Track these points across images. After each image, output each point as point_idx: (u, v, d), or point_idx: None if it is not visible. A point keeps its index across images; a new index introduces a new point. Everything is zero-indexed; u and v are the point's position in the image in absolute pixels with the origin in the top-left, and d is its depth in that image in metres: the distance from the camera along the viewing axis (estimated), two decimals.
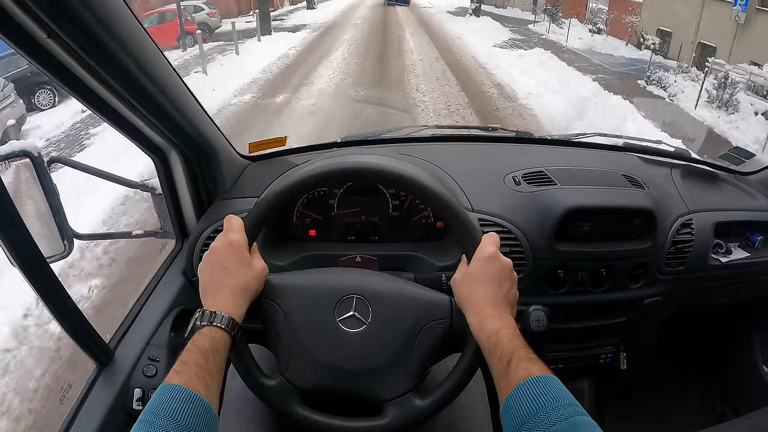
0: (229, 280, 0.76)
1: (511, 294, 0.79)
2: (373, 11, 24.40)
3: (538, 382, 0.63)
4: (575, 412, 0.59)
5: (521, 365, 0.66)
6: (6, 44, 0.66)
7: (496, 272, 0.78)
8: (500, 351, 0.69)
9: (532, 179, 1.24)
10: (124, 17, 0.73)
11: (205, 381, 0.63)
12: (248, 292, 0.77)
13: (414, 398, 0.79)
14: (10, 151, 0.88)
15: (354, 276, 0.87)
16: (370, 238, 1.22)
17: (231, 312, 0.72)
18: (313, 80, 9.56)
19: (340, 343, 0.79)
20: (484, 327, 0.73)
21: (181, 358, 0.66)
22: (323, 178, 0.86)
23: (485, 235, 0.83)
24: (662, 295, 1.29)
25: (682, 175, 1.43)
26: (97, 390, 0.89)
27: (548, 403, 0.60)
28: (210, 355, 0.67)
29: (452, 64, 11.39)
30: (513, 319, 0.76)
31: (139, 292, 1.09)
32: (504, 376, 0.66)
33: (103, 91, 0.80)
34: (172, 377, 0.62)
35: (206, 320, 0.71)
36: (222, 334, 0.70)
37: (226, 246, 0.77)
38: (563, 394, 0.62)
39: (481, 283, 0.78)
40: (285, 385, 0.79)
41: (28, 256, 0.72)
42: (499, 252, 0.80)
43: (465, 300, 0.79)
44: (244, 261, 0.77)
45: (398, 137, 1.50)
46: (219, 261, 0.77)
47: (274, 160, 1.34)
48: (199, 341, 0.68)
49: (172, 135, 1.01)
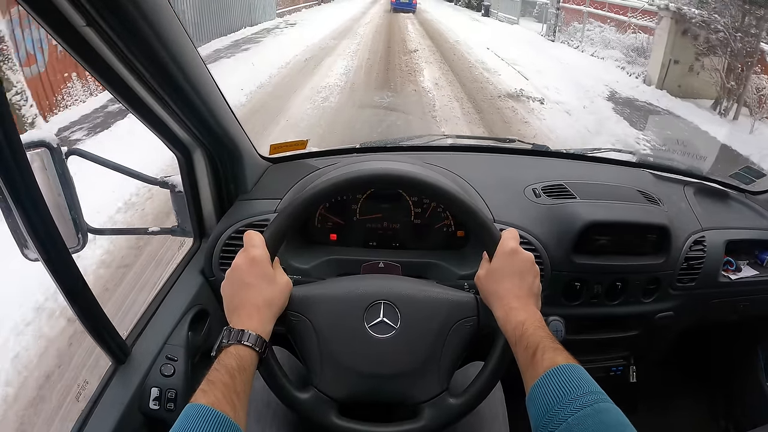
0: (254, 296, 0.75)
1: (534, 286, 0.80)
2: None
3: (563, 371, 0.64)
4: (600, 399, 0.60)
5: (546, 355, 0.67)
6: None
7: (519, 266, 0.80)
8: (526, 342, 0.70)
9: (551, 192, 1.25)
10: (164, 11, 0.73)
11: (231, 401, 0.63)
12: (273, 307, 0.76)
13: (448, 398, 0.80)
14: (29, 141, 0.86)
15: (379, 282, 0.87)
16: (391, 245, 1.23)
17: (257, 329, 0.72)
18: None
19: (371, 349, 0.79)
20: (510, 319, 0.74)
21: (208, 377, 0.65)
22: (341, 189, 0.85)
23: (505, 230, 0.84)
24: (674, 310, 1.30)
25: (695, 193, 1.46)
26: (113, 388, 0.87)
27: (573, 391, 0.61)
28: (237, 374, 0.66)
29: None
30: (538, 311, 0.77)
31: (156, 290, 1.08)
32: (530, 365, 0.67)
33: (135, 84, 0.79)
34: (198, 397, 0.62)
35: (232, 339, 0.70)
36: (249, 353, 0.69)
37: (249, 262, 0.76)
38: (588, 382, 0.63)
39: (504, 277, 0.79)
40: (320, 396, 0.78)
41: (52, 247, 0.71)
42: (520, 246, 0.82)
43: (490, 295, 0.80)
44: (268, 276, 0.77)
45: (417, 145, 1.51)
46: (242, 277, 0.76)
47: (294, 163, 1.34)
48: (226, 360, 0.67)
49: (199, 133, 1.00)
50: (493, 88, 8.04)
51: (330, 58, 9.96)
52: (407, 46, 12.22)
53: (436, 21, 19.60)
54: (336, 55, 10.35)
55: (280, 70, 8.62)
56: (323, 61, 9.55)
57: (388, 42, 12.81)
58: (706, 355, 1.76)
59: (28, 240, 0.70)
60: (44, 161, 0.87)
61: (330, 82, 7.81)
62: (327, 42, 12.02)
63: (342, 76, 8.37)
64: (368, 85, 7.96)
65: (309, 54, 10.28)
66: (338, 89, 7.44)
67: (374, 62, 9.74)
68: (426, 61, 10.24)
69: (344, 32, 14.30)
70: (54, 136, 0.89)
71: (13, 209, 0.65)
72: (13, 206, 0.64)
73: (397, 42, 13.00)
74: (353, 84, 7.89)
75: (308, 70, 8.73)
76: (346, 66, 9.25)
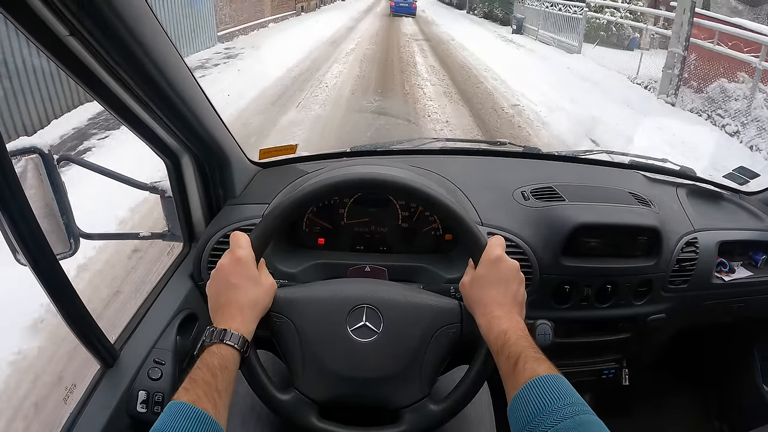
0: (238, 296, 0.75)
1: (519, 294, 0.80)
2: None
3: (544, 382, 0.64)
4: (581, 411, 0.60)
5: (528, 365, 0.66)
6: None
7: (504, 274, 0.80)
8: (508, 351, 0.70)
9: (540, 195, 1.25)
10: (146, 19, 0.74)
11: (213, 399, 0.63)
12: (257, 308, 0.77)
13: (429, 404, 0.80)
14: (21, 147, 0.87)
15: (363, 286, 0.87)
16: (378, 249, 1.23)
17: (240, 329, 0.72)
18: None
19: (353, 353, 0.79)
20: (493, 328, 0.74)
21: (191, 375, 0.66)
22: (326, 192, 0.86)
23: (491, 237, 0.84)
24: (666, 313, 1.29)
25: (688, 194, 1.45)
26: (100, 391, 0.88)
27: (554, 402, 0.61)
28: (219, 373, 0.67)
29: None
30: (522, 320, 0.77)
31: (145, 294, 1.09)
32: (511, 375, 0.67)
33: (120, 91, 0.80)
34: (180, 395, 0.63)
35: (215, 338, 0.71)
36: (231, 352, 0.70)
37: (234, 263, 0.77)
38: (569, 393, 0.63)
39: (489, 285, 0.79)
40: (300, 398, 0.79)
41: (39, 253, 0.71)
42: (505, 254, 0.81)
43: (474, 302, 0.80)
44: (252, 277, 0.77)
45: (407, 149, 1.51)
46: (227, 278, 0.76)
47: (283, 168, 1.35)
48: (208, 359, 0.68)
49: (186, 139, 1.01)
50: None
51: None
52: (421, 109, 6.62)
53: (456, 44, 13.16)
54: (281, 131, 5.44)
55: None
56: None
57: (384, 98, 7.01)
58: (700, 356, 1.75)
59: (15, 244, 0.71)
60: (36, 167, 0.89)
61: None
62: (273, 98, 6.68)
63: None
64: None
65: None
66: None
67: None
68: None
69: (311, 71, 8.72)
70: (45, 142, 0.91)
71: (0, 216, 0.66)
72: None
73: (398, 100, 7.02)
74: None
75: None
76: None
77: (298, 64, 9.33)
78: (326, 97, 7.06)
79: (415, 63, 10.38)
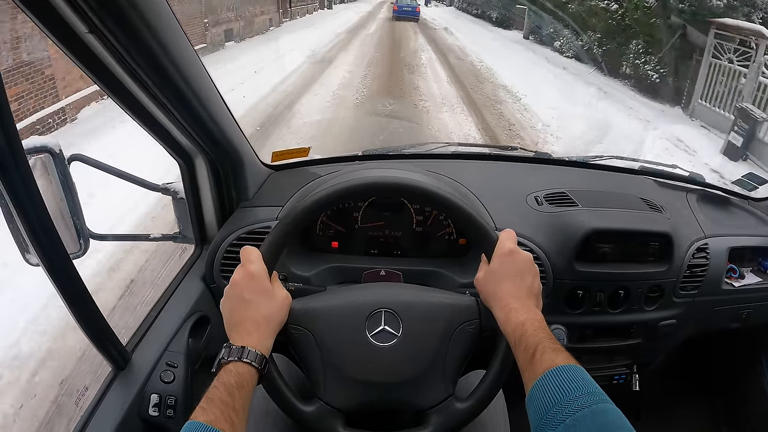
0: (252, 311, 0.75)
1: (534, 286, 0.80)
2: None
3: (562, 372, 0.64)
4: (599, 400, 0.60)
5: (546, 355, 0.66)
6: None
7: (518, 266, 0.80)
8: (525, 342, 0.70)
9: (553, 200, 1.25)
10: (166, 18, 0.74)
11: (230, 419, 0.63)
12: (273, 322, 0.76)
13: (455, 402, 0.80)
14: (31, 147, 0.87)
15: (378, 290, 0.87)
16: (392, 253, 1.23)
17: (256, 345, 0.72)
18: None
19: (374, 358, 0.78)
20: (510, 320, 0.74)
21: (207, 394, 0.65)
22: (334, 199, 0.85)
23: (502, 231, 0.84)
24: (677, 318, 1.29)
25: (698, 200, 1.45)
26: (112, 394, 0.87)
27: (572, 391, 0.61)
28: (236, 392, 0.66)
29: None
30: (538, 311, 0.77)
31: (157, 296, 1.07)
32: (529, 366, 0.67)
33: (137, 90, 0.80)
34: (198, 415, 0.62)
35: (232, 356, 0.70)
36: (248, 370, 0.70)
37: (246, 278, 0.76)
38: (587, 383, 0.63)
39: (503, 278, 0.79)
40: (325, 408, 0.78)
41: (53, 253, 0.71)
42: (518, 247, 0.82)
43: (490, 296, 0.80)
44: (266, 291, 0.77)
45: (420, 153, 1.51)
46: (240, 294, 0.76)
47: (296, 170, 1.35)
48: (225, 378, 0.68)
49: (201, 140, 1.01)
50: None
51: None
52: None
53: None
54: None
55: None
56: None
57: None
58: (708, 363, 1.75)
59: (29, 245, 0.70)
60: (46, 167, 0.88)
61: None
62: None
63: None
64: None
65: None
66: None
67: None
68: None
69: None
70: (56, 142, 0.90)
71: (15, 215, 0.65)
72: (14, 212, 0.64)
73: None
74: None
75: None
76: None
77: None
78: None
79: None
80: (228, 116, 1.03)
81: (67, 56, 0.70)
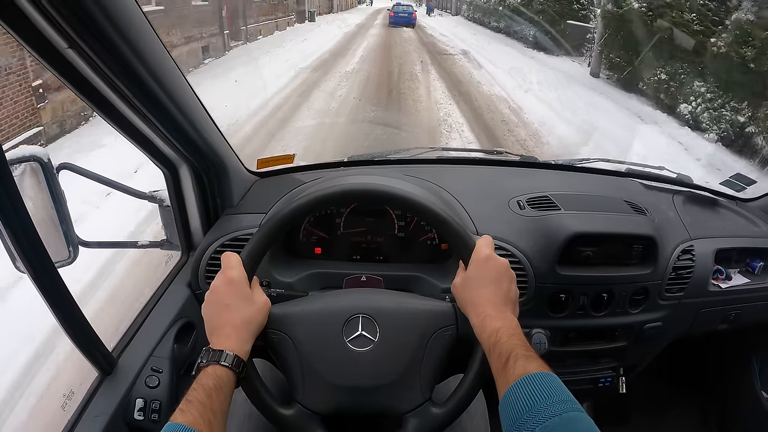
0: (232, 316, 0.77)
1: (511, 292, 0.81)
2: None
3: (534, 379, 0.64)
4: (570, 408, 0.60)
5: (518, 363, 0.67)
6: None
7: (494, 272, 0.81)
8: (499, 349, 0.70)
9: (536, 204, 1.25)
10: (144, 31, 0.75)
11: (208, 420, 0.65)
12: (252, 327, 0.78)
13: (431, 407, 0.81)
14: (21, 156, 0.89)
15: (356, 296, 0.88)
16: (375, 258, 1.24)
17: (235, 349, 0.74)
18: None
19: (352, 363, 0.80)
20: (485, 327, 0.75)
21: (187, 397, 0.67)
22: (312, 207, 0.87)
23: (479, 238, 0.85)
24: (662, 320, 1.29)
25: (684, 202, 1.45)
26: (98, 399, 0.89)
27: (543, 399, 0.61)
28: (214, 394, 0.68)
29: None
30: (514, 318, 0.78)
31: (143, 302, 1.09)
32: (502, 373, 0.68)
33: (119, 102, 0.82)
34: (177, 416, 0.64)
35: (211, 359, 0.72)
36: (226, 372, 0.71)
37: (226, 283, 0.78)
38: (559, 391, 0.63)
39: (480, 284, 0.80)
40: (303, 412, 0.80)
41: (38, 261, 0.72)
42: (494, 253, 0.82)
43: (466, 303, 0.81)
44: (245, 296, 0.79)
45: (405, 158, 1.52)
46: (220, 299, 0.78)
47: (281, 177, 1.36)
48: (204, 380, 0.69)
49: (184, 149, 1.02)
50: None
51: None
52: None
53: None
54: None
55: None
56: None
57: None
58: (697, 363, 1.75)
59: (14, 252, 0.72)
60: (35, 175, 0.90)
61: None
62: None
63: None
64: None
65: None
66: None
67: None
68: None
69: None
70: (45, 151, 0.92)
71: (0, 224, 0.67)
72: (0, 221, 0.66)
73: None
74: None
75: None
76: None
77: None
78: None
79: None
80: (210, 125, 1.05)
81: (49, 71, 0.72)
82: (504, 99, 8.35)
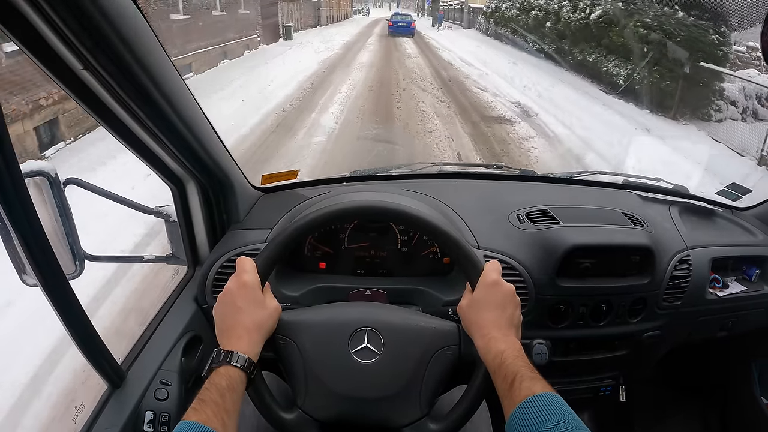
0: (244, 319, 0.79)
1: (515, 317, 0.83)
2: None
3: (540, 399, 0.66)
4: (575, 427, 0.62)
5: (524, 384, 0.69)
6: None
7: (500, 297, 0.83)
8: (505, 371, 0.72)
9: (535, 217, 1.28)
10: (156, 52, 0.78)
11: (222, 419, 0.66)
12: (263, 330, 0.80)
13: (429, 423, 0.82)
14: (28, 171, 0.90)
15: (365, 309, 0.90)
16: (378, 272, 1.25)
17: (246, 350, 0.75)
18: None
19: (355, 374, 0.82)
20: (490, 349, 0.77)
21: (199, 396, 0.68)
22: (327, 220, 0.90)
23: (487, 262, 0.87)
24: (661, 329, 1.31)
25: (680, 212, 1.47)
26: (108, 411, 0.90)
27: (549, 419, 0.63)
28: (227, 393, 0.70)
29: None
30: (517, 341, 0.80)
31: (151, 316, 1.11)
32: (508, 394, 0.70)
33: (130, 121, 0.84)
34: (190, 415, 0.65)
35: (223, 360, 0.74)
36: (238, 373, 0.73)
37: (240, 286, 0.80)
38: (564, 410, 0.65)
39: (486, 308, 0.82)
40: (304, 417, 0.81)
41: (51, 273, 0.74)
42: (502, 278, 0.85)
43: (471, 324, 0.83)
44: (258, 300, 0.81)
45: (406, 174, 1.54)
46: (233, 301, 0.80)
47: (285, 192, 1.38)
48: (216, 380, 0.71)
49: (192, 166, 1.05)
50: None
51: None
52: None
53: None
54: None
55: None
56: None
57: None
58: (697, 371, 1.76)
59: (26, 266, 0.73)
60: (42, 190, 0.91)
61: None
62: None
63: None
64: None
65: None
66: None
67: None
68: None
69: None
70: (52, 166, 0.93)
71: (13, 236, 0.68)
72: (12, 233, 0.67)
73: None
74: None
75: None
76: None
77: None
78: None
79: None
80: (217, 143, 1.07)
81: (64, 91, 0.74)
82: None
